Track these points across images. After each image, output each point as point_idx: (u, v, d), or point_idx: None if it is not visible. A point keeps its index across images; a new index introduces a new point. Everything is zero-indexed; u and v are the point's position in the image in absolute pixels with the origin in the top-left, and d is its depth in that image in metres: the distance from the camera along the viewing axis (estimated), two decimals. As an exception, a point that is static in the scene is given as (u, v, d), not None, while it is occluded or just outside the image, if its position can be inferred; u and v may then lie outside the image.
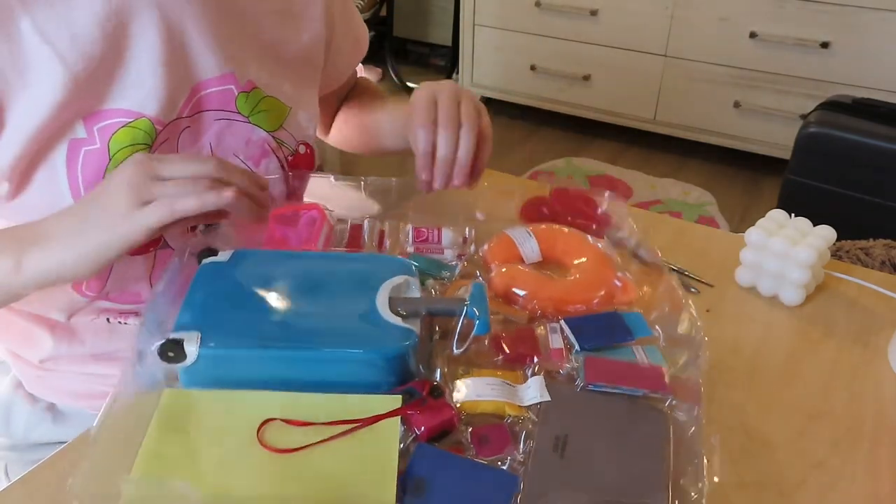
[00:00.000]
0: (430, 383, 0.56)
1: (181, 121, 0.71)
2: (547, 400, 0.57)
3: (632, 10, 2.63)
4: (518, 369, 0.60)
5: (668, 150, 2.82)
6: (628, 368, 0.60)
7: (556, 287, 0.70)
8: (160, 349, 0.54)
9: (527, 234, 0.75)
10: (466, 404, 0.56)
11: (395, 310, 0.59)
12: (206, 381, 0.56)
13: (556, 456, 0.53)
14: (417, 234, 0.75)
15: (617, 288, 0.69)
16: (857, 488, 0.58)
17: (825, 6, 2.31)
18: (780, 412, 0.65)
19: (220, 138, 0.74)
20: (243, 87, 0.74)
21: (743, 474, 0.58)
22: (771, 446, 0.61)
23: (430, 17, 3.56)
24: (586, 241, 0.75)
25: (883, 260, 1.36)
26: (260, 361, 0.56)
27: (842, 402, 0.66)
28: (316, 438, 0.51)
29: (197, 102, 0.72)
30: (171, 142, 0.71)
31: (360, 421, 0.52)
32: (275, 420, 0.53)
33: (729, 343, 0.73)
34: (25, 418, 0.82)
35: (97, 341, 0.78)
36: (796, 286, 0.77)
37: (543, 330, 0.64)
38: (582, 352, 0.62)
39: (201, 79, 0.71)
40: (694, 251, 0.86)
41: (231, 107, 0.74)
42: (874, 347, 0.73)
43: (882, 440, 0.62)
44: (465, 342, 0.59)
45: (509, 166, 2.67)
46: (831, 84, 2.37)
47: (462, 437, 0.54)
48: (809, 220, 0.80)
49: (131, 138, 0.67)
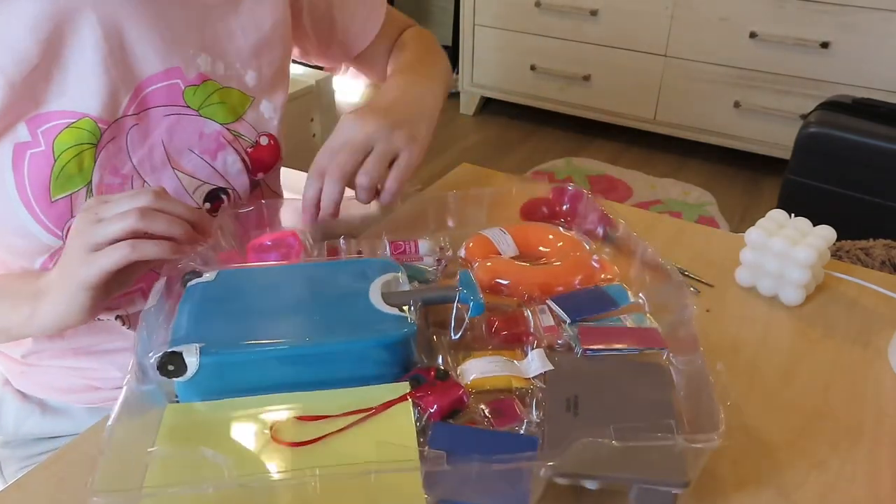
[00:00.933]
0: (435, 368, 0.57)
1: (127, 119, 0.71)
2: (550, 369, 0.59)
3: (632, 10, 2.63)
4: (516, 348, 0.63)
5: (668, 150, 2.82)
6: (621, 331, 0.64)
7: (538, 273, 0.73)
8: (159, 363, 0.53)
9: (501, 232, 0.79)
10: (474, 382, 0.58)
11: (390, 302, 0.59)
12: (206, 392, 0.55)
13: (570, 415, 0.55)
14: (395, 246, 0.76)
15: (595, 269, 0.73)
16: (857, 488, 0.58)
17: (825, 6, 2.31)
18: (780, 412, 0.65)
19: (171, 133, 0.74)
20: (192, 80, 0.74)
21: (743, 474, 0.58)
22: (771, 446, 0.61)
23: (430, 17, 3.56)
24: (558, 231, 0.80)
25: (883, 260, 1.36)
26: (262, 365, 0.55)
27: (842, 402, 0.66)
28: (331, 430, 0.51)
29: (143, 100, 0.72)
30: (118, 140, 0.71)
31: (372, 409, 0.53)
32: (287, 419, 0.52)
33: (729, 343, 0.73)
34: (15, 413, 0.83)
35: (76, 335, 0.78)
36: (796, 286, 0.77)
37: (532, 312, 0.67)
38: (573, 323, 0.65)
39: (145, 76, 0.72)
40: (694, 251, 0.86)
41: (179, 101, 0.74)
42: (874, 347, 0.73)
43: (882, 440, 0.62)
44: (462, 327, 0.62)
45: (509, 166, 2.67)
46: (831, 84, 2.37)
47: (475, 414, 0.56)
48: (809, 220, 0.79)
49: (75, 139, 0.68)
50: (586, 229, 0.82)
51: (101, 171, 0.70)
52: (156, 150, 0.74)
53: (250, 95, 0.79)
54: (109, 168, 0.71)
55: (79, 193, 0.69)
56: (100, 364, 0.81)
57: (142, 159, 0.73)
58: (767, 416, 0.64)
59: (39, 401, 0.83)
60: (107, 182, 0.71)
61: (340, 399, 0.54)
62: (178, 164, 0.75)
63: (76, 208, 0.69)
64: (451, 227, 0.83)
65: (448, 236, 0.79)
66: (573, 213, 0.84)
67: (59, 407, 0.84)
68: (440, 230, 0.81)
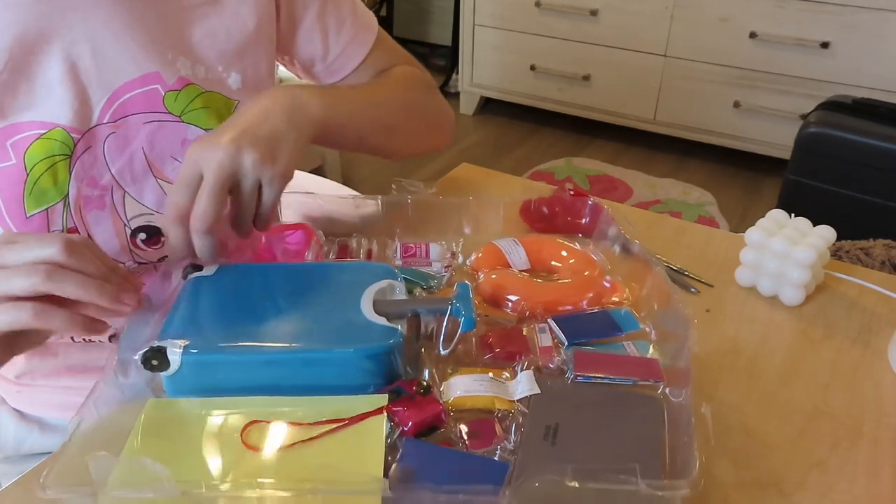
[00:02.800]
0: (418, 381, 0.56)
1: (102, 127, 0.68)
2: (537, 392, 0.57)
3: (632, 10, 2.63)
4: (507, 367, 0.61)
5: (668, 150, 2.82)
6: (618, 360, 0.61)
7: (545, 290, 0.71)
8: (143, 358, 0.54)
9: (514, 244, 0.77)
10: (455, 401, 0.56)
11: (379, 311, 0.58)
12: (191, 389, 0.55)
13: (547, 444, 0.53)
14: (405, 249, 0.76)
15: (606, 289, 0.71)
16: (857, 488, 0.58)
17: (825, 6, 2.31)
18: (780, 412, 0.65)
19: (152, 141, 0.71)
20: (172, 85, 0.71)
21: (743, 474, 0.58)
22: (771, 446, 0.61)
23: (430, 17, 3.56)
24: (573, 247, 0.77)
25: (883, 260, 1.36)
26: (244, 367, 0.55)
27: (842, 402, 0.66)
28: (302, 438, 0.51)
29: (120, 107, 0.69)
30: (94, 150, 0.68)
31: (345, 420, 0.52)
32: (259, 422, 0.52)
33: (729, 343, 0.73)
34: (14, 433, 0.82)
35: (69, 353, 0.76)
36: (796, 286, 0.77)
37: (532, 330, 0.65)
38: (570, 347, 0.63)
39: (120, 83, 0.68)
40: (694, 251, 0.86)
41: (159, 107, 0.71)
42: (874, 347, 0.73)
43: (882, 440, 0.62)
44: (452, 342, 0.60)
45: (509, 166, 2.67)
46: (831, 84, 2.37)
47: (451, 433, 0.54)
48: (809, 220, 0.79)
49: (47, 150, 0.65)
50: (603, 246, 0.79)
51: (77, 183, 0.68)
52: (136, 158, 0.71)
53: (234, 99, 0.76)
54: (87, 180, 0.68)
55: (55, 208, 0.67)
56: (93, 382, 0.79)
57: (121, 169, 0.70)
58: (767, 416, 0.64)
59: (37, 419, 0.82)
60: (85, 194, 0.69)
61: (318, 406, 0.54)
62: (161, 173, 0.73)
63: (52, 223, 0.67)
64: (467, 233, 0.82)
65: (462, 241, 0.78)
66: (593, 228, 0.81)
67: (58, 424, 0.82)
68: (457, 234, 0.79)
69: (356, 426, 0.52)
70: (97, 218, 0.70)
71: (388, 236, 0.78)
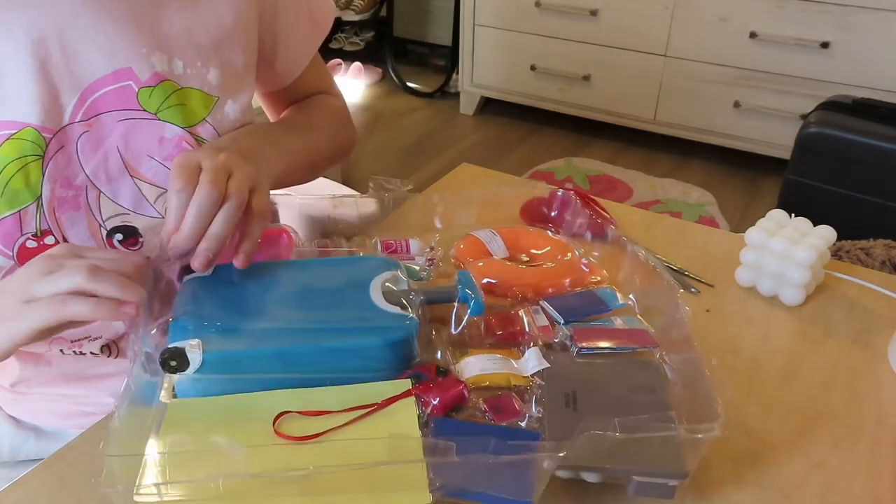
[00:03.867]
0: (435, 365, 0.58)
1: (74, 126, 0.66)
2: (547, 366, 0.60)
3: (632, 10, 2.63)
4: (512, 347, 0.64)
5: (668, 150, 2.82)
6: (613, 332, 0.66)
7: (530, 274, 0.75)
8: (161, 360, 0.53)
9: (492, 234, 0.80)
10: (473, 379, 0.59)
11: (391, 300, 0.60)
12: (208, 389, 0.55)
13: (570, 410, 0.56)
14: (386, 245, 0.77)
15: (584, 272, 0.75)
16: (857, 488, 0.58)
17: (825, 6, 2.31)
18: (780, 412, 0.65)
19: (127, 140, 0.69)
20: (146, 81, 0.68)
21: (743, 474, 0.58)
22: (771, 446, 0.61)
23: (430, 17, 3.56)
24: (547, 234, 0.82)
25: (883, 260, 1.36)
26: (264, 361, 0.55)
27: (842, 402, 0.66)
28: (335, 426, 0.51)
29: (92, 105, 0.67)
30: (67, 149, 0.66)
31: (375, 405, 0.53)
32: (289, 413, 0.52)
33: (729, 343, 0.73)
34: (10, 440, 0.81)
35: (64, 362, 0.76)
36: (796, 286, 0.77)
37: (527, 311, 0.68)
38: (567, 324, 0.66)
39: (91, 80, 0.66)
40: (694, 251, 0.86)
41: (133, 104, 0.68)
42: (874, 347, 0.73)
43: (882, 440, 0.62)
44: (461, 325, 0.63)
45: (509, 166, 2.67)
46: (831, 84, 2.37)
47: (475, 410, 0.57)
48: (809, 220, 0.79)
49: (18, 150, 0.64)
50: (574, 233, 0.83)
51: (51, 183, 0.66)
52: (111, 157, 0.69)
53: (214, 96, 0.73)
54: (60, 180, 0.67)
55: (28, 210, 0.66)
56: (89, 391, 0.79)
57: (95, 168, 0.69)
58: (767, 416, 0.64)
59: (33, 426, 0.82)
60: (59, 195, 0.67)
61: (341, 395, 0.54)
62: (137, 172, 0.71)
63: (25, 225, 0.66)
64: (438, 227, 0.84)
65: (437, 236, 0.80)
66: (561, 219, 0.86)
67: (54, 432, 0.82)
68: (429, 231, 0.82)
69: (385, 410, 0.53)
70: (72, 219, 0.69)
71: (366, 236, 0.79)
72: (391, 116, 3.16)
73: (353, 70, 3.45)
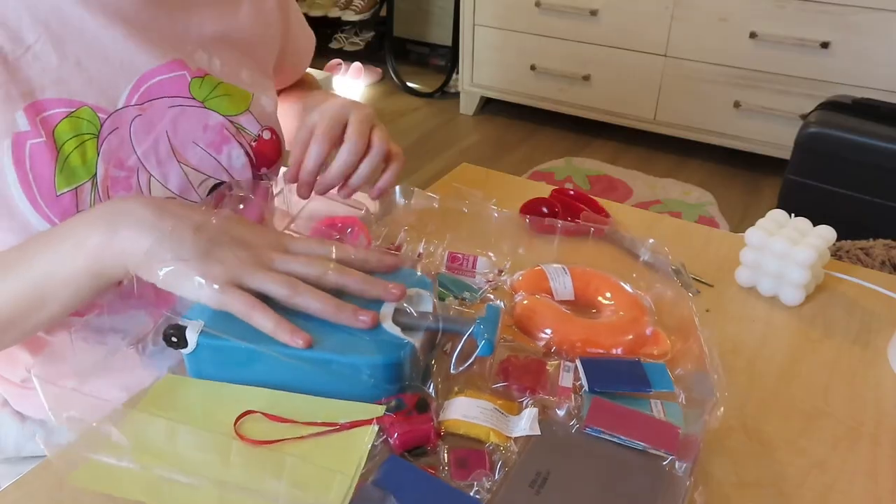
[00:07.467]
0: (419, 397, 0.55)
1: (129, 109, 0.70)
2: (536, 434, 0.54)
3: (632, 10, 2.63)
4: (516, 399, 0.58)
5: (668, 150, 2.82)
6: (637, 418, 0.55)
7: (580, 326, 0.66)
8: (164, 332, 0.56)
9: (562, 271, 0.72)
10: (450, 423, 0.54)
11: (396, 321, 0.58)
12: (208, 372, 0.57)
13: (532, 491, 0.49)
14: (452, 258, 0.73)
15: (647, 338, 0.64)
16: (857, 488, 0.58)
17: (825, 6, 2.31)
18: (780, 412, 0.65)
19: (175, 125, 0.73)
20: (195, 73, 0.75)
21: (743, 474, 0.58)
22: (771, 446, 0.61)
23: (430, 17, 3.56)
24: (623, 287, 0.71)
25: (883, 260, 1.36)
26: (253, 358, 0.56)
27: (842, 402, 0.66)
28: (291, 436, 0.52)
29: (147, 91, 0.71)
30: (121, 131, 0.70)
31: (337, 424, 0.53)
32: (255, 413, 0.53)
33: (729, 343, 0.73)
34: (15, 436, 0.82)
35: (78, 356, 0.75)
36: (796, 286, 0.77)
37: (555, 366, 0.60)
38: (591, 393, 0.57)
39: (147, 67, 0.71)
40: (694, 251, 0.86)
41: (185, 93, 0.74)
42: (874, 347, 0.73)
43: (882, 440, 0.62)
44: (466, 362, 0.58)
45: (509, 166, 2.67)
46: (831, 84, 2.38)
47: (439, 457, 0.52)
48: (809, 220, 0.80)
49: (75, 128, 0.67)
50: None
51: (104, 163, 0.69)
52: (161, 142, 0.73)
53: (250, 91, 0.80)
54: (114, 161, 0.70)
55: (84, 187, 0.68)
56: (102, 384, 0.79)
57: (146, 151, 0.72)
58: (767, 416, 0.64)
59: (40, 422, 0.82)
60: (112, 175, 0.70)
61: (315, 406, 0.54)
62: (183, 158, 0.74)
63: (81, 203, 0.68)
64: (521, 254, 0.77)
65: (509, 262, 0.74)
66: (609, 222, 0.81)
67: (60, 428, 0.82)
68: (509, 255, 0.76)
69: (344, 433, 0.52)
70: None
71: (438, 239, 0.75)
72: (391, 116, 3.16)
73: (353, 70, 3.45)
